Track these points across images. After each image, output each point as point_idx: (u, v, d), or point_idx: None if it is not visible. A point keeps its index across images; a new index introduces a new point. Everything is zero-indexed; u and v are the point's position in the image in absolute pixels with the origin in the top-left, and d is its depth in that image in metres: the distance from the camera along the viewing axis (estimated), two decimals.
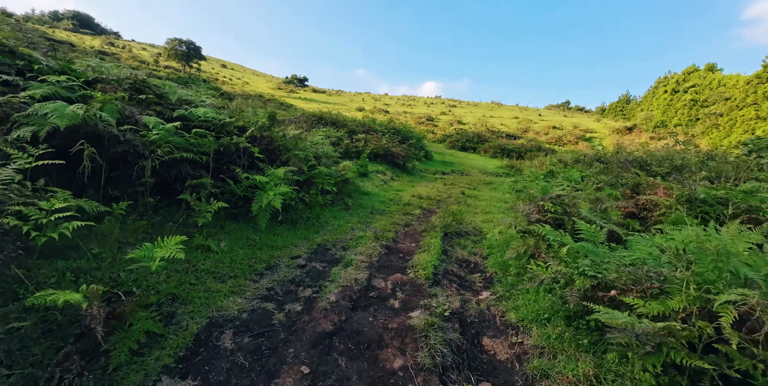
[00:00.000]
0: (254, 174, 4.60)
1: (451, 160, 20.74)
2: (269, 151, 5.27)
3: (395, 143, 13.24)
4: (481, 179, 14.16)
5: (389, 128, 17.20)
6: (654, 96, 54.77)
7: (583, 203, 3.95)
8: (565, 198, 4.21)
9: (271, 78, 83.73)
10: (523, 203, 5.01)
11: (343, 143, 11.45)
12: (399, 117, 45.57)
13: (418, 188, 10.16)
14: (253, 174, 4.62)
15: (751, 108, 28.60)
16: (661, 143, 37.46)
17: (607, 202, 4.51)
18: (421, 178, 12.91)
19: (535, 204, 4.35)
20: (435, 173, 16.20)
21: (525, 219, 4.26)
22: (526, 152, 25.90)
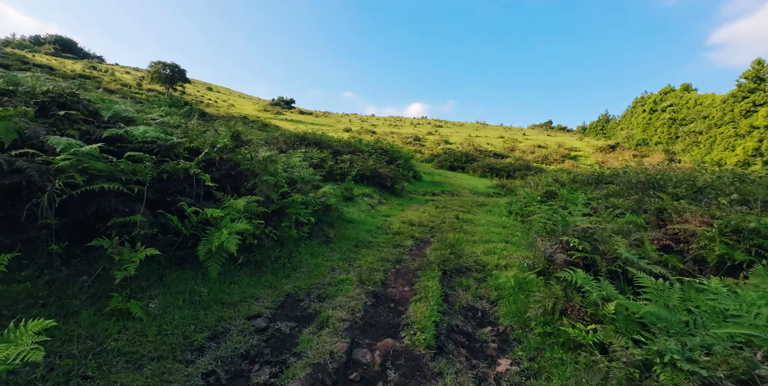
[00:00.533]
0: (210, 206, 3.70)
1: (440, 180, 20.12)
2: (232, 178, 4.39)
3: (383, 164, 12.51)
4: (473, 200, 13.45)
5: (376, 148, 16.55)
6: (633, 115, 56.39)
7: (620, 239, 3.17)
8: (594, 232, 3.41)
9: (257, 100, 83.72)
10: (540, 238, 4.20)
11: (326, 165, 10.64)
12: (386, 137, 45.40)
13: (409, 212, 9.32)
14: (208, 206, 3.72)
15: (730, 126, 29.24)
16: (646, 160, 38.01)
17: (635, 233, 3.74)
18: (410, 200, 12.11)
19: (556, 240, 3.54)
20: (425, 194, 15.46)
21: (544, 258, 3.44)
22: (515, 171, 25.58)
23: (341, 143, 14.82)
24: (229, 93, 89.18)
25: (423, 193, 15.57)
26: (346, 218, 6.99)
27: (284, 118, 57.68)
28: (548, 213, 6.84)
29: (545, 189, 10.62)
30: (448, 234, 6.64)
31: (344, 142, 15.07)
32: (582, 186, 9.99)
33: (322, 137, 13.80)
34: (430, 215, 8.87)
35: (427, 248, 5.72)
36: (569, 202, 6.68)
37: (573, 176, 11.08)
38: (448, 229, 7.22)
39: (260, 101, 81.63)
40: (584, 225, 3.60)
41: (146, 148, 3.72)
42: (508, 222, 8.72)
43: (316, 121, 60.06)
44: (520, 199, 11.47)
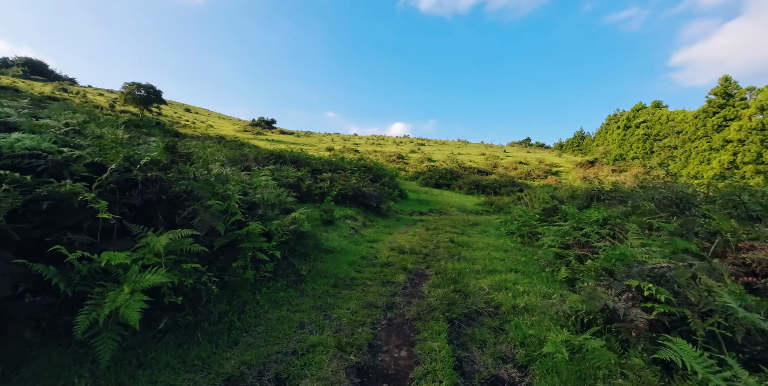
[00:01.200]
0: (119, 246, 2.54)
1: (426, 198, 19.22)
2: (164, 204, 3.24)
3: (366, 182, 11.49)
4: (464, 219, 12.51)
5: (359, 166, 15.57)
6: (607, 131, 58.06)
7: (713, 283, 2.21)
8: (672, 274, 2.42)
9: (237, 121, 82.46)
10: (591, 281, 3.19)
11: (303, 185, 9.52)
12: (369, 156, 44.74)
13: (397, 236, 8.23)
14: (119, 246, 2.56)
15: (703, 140, 29.95)
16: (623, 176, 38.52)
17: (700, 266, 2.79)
18: (398, 221, 11.05)
19: (620, 285, 2.53)
20: (412, 213, 14.44)
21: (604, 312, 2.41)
22: (501, 187, 25.06)
23: (321, 161, 13.77)
24: (208, 114, 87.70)
25: (410, 212, 14.56)
26: (324, 247, 5.83)
27: (264, 138, 56.49)
28: (559, 236, 5.91)
29: (543, 206, 9.80)
30: (446, 264, 5.57)
31: (325, 160, 14.03)
32: (582, 202, 9.22)
33: (300, 155, 12.74)
34: (421, 238, 7.80)
35: (423, 284, 4.61)
36: (582, 222, 5.77)
37: (571, 191, 10.33)
38: (445, 256, 6.16)
39: (240, 122, 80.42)
40: (654, 264, 2.61)
41: (26, 164, 2.56)
42: (509, 245, 7.74)
43: (297, 141, 59.13)
44: (515, 217, 10.59)
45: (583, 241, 5.31)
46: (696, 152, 30.56)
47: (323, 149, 49.59)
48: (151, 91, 54.00)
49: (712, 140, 29.04)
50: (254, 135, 59.45)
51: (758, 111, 24.78)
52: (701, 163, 29.67)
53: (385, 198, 11.80)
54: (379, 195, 10.97)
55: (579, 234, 5.47)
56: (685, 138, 32.75)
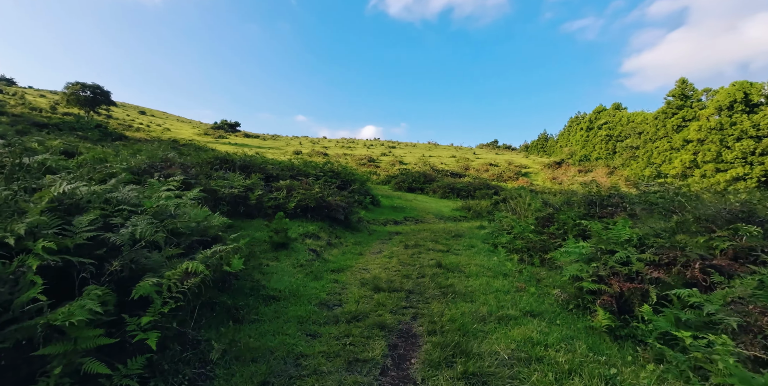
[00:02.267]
0: None
1: (400, 203, 17.66)
2: None
3: (332, 190, 9.70)
4: (444, 229, 11.03)
5: (326, 171, 13.74)
6: (570, 133, 59.50)
7: None
8: None
9: (198, 124, 77.66)
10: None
11: (253, 195, 7.59)
12: (339, 159, 42.81)
13: (371, 259, 6.52)
14: None
15: (664, 140, 30.58)
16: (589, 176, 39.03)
17: None
18: (370, 235, 9.34)
19: None
20: (386, 223, 12.80)
21: None
22: (476, 190, 24.02)
23: (281, 166, 11.82)
24: (165, 117, 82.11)
25: (384, 221, 12.91)
26: (265, 291, 4.01)
27: (227, 142, 53.04)
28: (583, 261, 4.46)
29: (536, 214, 8.47)
30: (439, 308, 3.95)
31: (285, 165, 12.08)
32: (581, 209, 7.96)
33: (254, 159, 10.72)
34: (400, 262, 6.14)
35: (413, 358, 2.94)
36: (610, 242, 4.35)
37: (567, 197, 9.08)
38: (435, 293, 4.52)
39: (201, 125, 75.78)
40: None
41: None
42: (507, 266, 6.25)
43: (263, 144, 56.05)
44: (503, 227, 9.22)
45: (624, 272, 3.87)
46: (657, 152, 31.16)
47: (290, 153, 47.07)
48: (98, 91, 49.12)
49: (672, 140, 29.64)
50: (215, 139, 55.69)
51: (716, 111, 25.41)
52: (663, 163, 30.22)
53: (355, 208, 10.07)
54: (348, 206, 9.22)
55: (613, 261, 4.03)
56: (647, 138, 33.44)
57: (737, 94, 24.05)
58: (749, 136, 23.10)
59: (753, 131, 22.78)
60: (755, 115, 23.06)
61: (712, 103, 26.16)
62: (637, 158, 34.81)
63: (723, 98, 24.89)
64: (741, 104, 23.79)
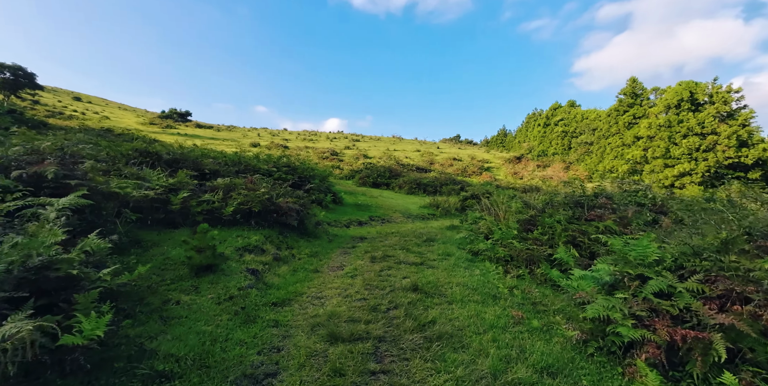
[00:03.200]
0: None
1: (365, 201, 16.32)
2: None
3: (284, 190, 8.13)
4: (414, 231, 9.87)
5: (280, 166, 12.03)
6: (527, 129, 61.09)
7: None
8: None
9: (144, 113, 70.81)
10: None
11: (176, 198, 5.89)
12: (300, 152, 40.49)
13: (328, 280, 5.14)
14: None
15: (617, 136, 31.69)
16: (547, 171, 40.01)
17: None
18: (330, 242, 7.93)
19: None
20: (349, 224, 11.41)
21: None
22: (442, 186, 23.26)
23: (224, 160, 9.99)
24: (105, 104, 74.15)
25: (347, 222, 11.51)
26: (152, 363, 2.53)
27: (175, 133, 48.50)
28: (618, 292, 3.41)
29: (517, 217, 7.50)
30: (422, 369, 2.71)
31: (229, 159, 10.24)
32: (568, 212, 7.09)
33: (188, 152, 8.83)
34: (365, 285, 4.82)
35: None
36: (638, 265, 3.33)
37: (548, 197, 8.20)
38: (414, 339, 3.26)
39: (148, 113, 69.14)
40: None
41: None
42: (495, 286, 5.15)
43: (216, 136, 52.05)
44: (479, 229, 8.22)
45: (667, 310, 2.83)
46: (610, 148, 32.22)
47: (247, 145, 43.91)
48: (20, 73, 42.68)
49: (624, 136, 30.70)
50: (162, 128, 50.76)
51: (665, 109, 26.49)
52: (615, 158, 31.31)
53: (312, 210, 8.58)
54: (302, 208, 7.72)
55: (649, 292, 2.99)
56: (600, 134, 34.54)
57: (684, 93, 25.16)
58: (695, 134, 24.25)
59: (698, 128, 23.92)
60: (700, 114, 24.22)
61: (661, 101, 27.25)
62: (591, 154, 35.96)
63: (671, 96, 25.94)
64: (687, 103, 24.93)
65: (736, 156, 22.36)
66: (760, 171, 22.40)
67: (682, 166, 24.14)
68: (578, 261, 5.62)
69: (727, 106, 23.23)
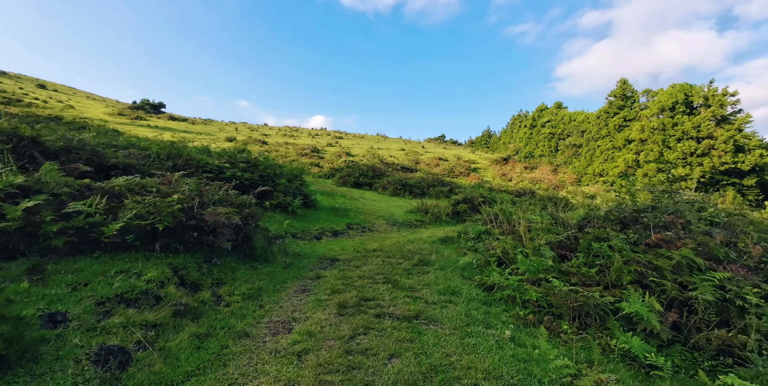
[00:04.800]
0: None
1: (344, 204, 14.00)
2: None
3: (222, 194, 5.73)
4: (400, 247, 7.66)
5: (237, 161, 9.56)
6: (513, 130, 60.01)
7: None
8: None
9: (114, 103, 65.89)
10: None
11: (13, 209, 3.43)
12: (279, 148, 37.69)
13: (256, 362, 2.86)
14: None
15: (607, 139, 30.45)
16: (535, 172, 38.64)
17: None
18: (286, 269, 5.57)
19: None
20: (321, 236, 9.07)
21: None
22: (429, 187, 21.15)
23: (155, 152, 7.47)
24: (73, 93, 68.74)
25: (318, 233, 9.17)
26: None
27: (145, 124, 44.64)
28: None
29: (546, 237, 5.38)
30: None
31: (160, 151, 7.72)
32: (612, 227, 5.03)
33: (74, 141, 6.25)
34: (320, 378, 2.59)
35: None
36: None
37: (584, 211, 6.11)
38: None
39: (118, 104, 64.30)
40: None
41: None
42: (547, 368, 3.01)
43: (191, 129, 48.41)
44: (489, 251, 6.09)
45: None
46: (600, 151, 30.99)
47: (222, 139, 40.75)
48: None
49: (615, 139, 29.47)
50: (131, 120, 46.70)
51: (658, 112, 25.27)
52: (605, 161, 30.08)
53: (264, 222, 6.21)
54: (246, 221, 5.36)
55: None
56: (589, 137, 33.32)
57: (678, 95, 23.97)
58: (690, 137, 23.07)
59: (694, 132, 22.73)
60: (696, 117, 23.05)
61: (654, 103, 26.05)
62: (580, 156, 34.73)
63: (665, 99, 24.72)
64: (682, 105, 23.75)
65: (732, 161, 21.24)
66: (755, 177, 21.36)
67: (677, 171, 22.91)
68: (662, 318, 3.53)
69: (723, 110, 22.12)
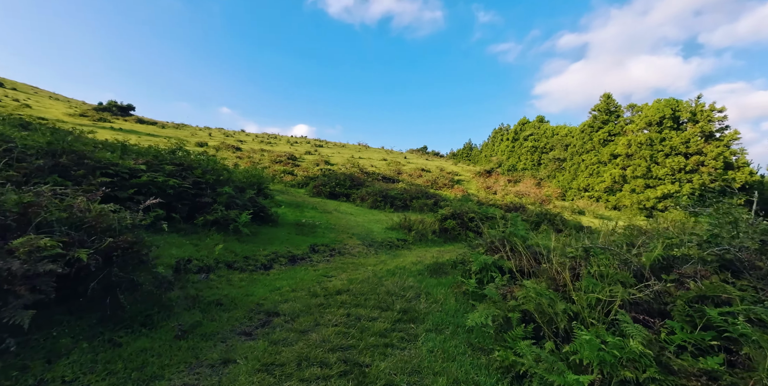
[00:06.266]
0: None
1: (313, 217, 11.67)
2: None
3: (83, 209, 3.35)
4: (374, 285, 5.44)
5: (164, 161, 7.16)
6: (494, 143, 59.53)
7: None
8: None
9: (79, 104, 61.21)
10: None
11: None
12: (253, 155, 34.92)
13: None
14: None
15: (592, 153, 29.57)
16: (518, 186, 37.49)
17: None
18: (176, 343, 3.27)
19: None
20: (271, 264, 6.71)
21: None
22: (413, 199, 19.07)
23: (26, 143, 5.01)
24: (34, 92, 63.65)
25: (267, 260, 6.80)
26: None
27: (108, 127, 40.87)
28: None
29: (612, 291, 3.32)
30: None
31: (32, 142, 5.27)
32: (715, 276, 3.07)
33: None
34: None
35: None
36: None
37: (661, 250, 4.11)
38: None
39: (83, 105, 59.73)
40: None
41: None
42: None
43: (159, 133, 44.83)
44: (507, 298, 3.99)
45: None
46: (585, 165, 30.03)
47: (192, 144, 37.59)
48: None
49: (600, 154, 28.57)
50: (93, 121, 42.75)
51: (645, 126, 24.49)
52: (591, 176, 29.08)
53: (149, 257, 3.87)
54: (109, 260, 3.01)
55: None
56: (573, 151, 32.46)
57: (666, 110, 23.27)
58: (678, 153, 22.21)
59: (683, 148, 21.89)
60: (684, 132, 22.29)
61: (641, 117, 25.32)
62: (564, 170, 33.77)
63: (652, 113, 23.98)
64: (669, 120, 23.02)
65: (722, 179, 20.36)
66: (744, 196, 20.51)
67: (666, 188, 21.89)
68: None
69: (711, 125, 21.44)
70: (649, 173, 23.32)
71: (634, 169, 24.05)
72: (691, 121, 22.32)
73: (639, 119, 25.41)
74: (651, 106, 24.89)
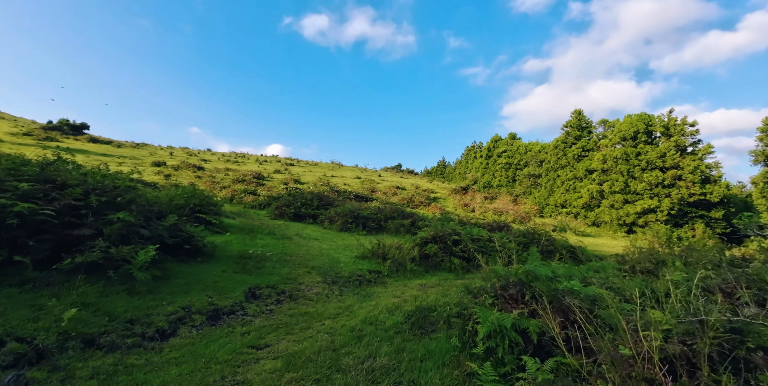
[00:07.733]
0: None
1: (266, 245, 9.37)
2: None
3: None
4: (330, 361, 3.34)
5: (20, 174, 4.84)
6: (468, 161, 59.42)
7: None
8: None
9: (27, 123, 55.90)
10: None
11: None
12: (216, 174, 32.05)
13: None
14: None
15: (567, 169, 29.08)
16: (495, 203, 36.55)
17: None
18: None
19: None
20: (174, 330, 4.24)
21: None
22: (388, 219, 17.00)
23: None
24: None
25: (170, 322, 4.42)
26: None
27: (55, 146, 36.52)
28: None
29: None
30: None
31: None
32: None
33: None
34: None
35: None
36: None
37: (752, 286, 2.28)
38: None
39: (32, 124, 54.58)
40: None
41: None
42: None
43: (112, 152, 40.97)
44: None
45: None
46: (560, 181, 29.41)
47: (149, 164, 34.21)
48: None
49: (576, 169, 28.05)
50: (38, 140, 38.38)
51: (620, 141, 24.20)
52: (567, 192, 28.37)
53: None
54: None
55: None
56: (548, 167, 31.98)
57: (639, 124, 23.12)
58: (654, 167, 21.79)
59: (659, 162, 21.50)
60: (659, 146, 22.02)
61: (615, 132, 25.09)
62: (539, 187, 33.11)
63: (626, 128, 23.76)
64: (644, 135, 22.82)
65: (701, 193, 19.90)
66: (722, 210, 20.08)
67: (645, 203, 21.20)
68: None
69: (685, 139, 21.29)
70: (627, 188, 22.73)
71: (612, 184, 23.44)
72: (665, 135, 22.18)
73: (613, 134, 25.22)
74: (624, 121, 24.82)
